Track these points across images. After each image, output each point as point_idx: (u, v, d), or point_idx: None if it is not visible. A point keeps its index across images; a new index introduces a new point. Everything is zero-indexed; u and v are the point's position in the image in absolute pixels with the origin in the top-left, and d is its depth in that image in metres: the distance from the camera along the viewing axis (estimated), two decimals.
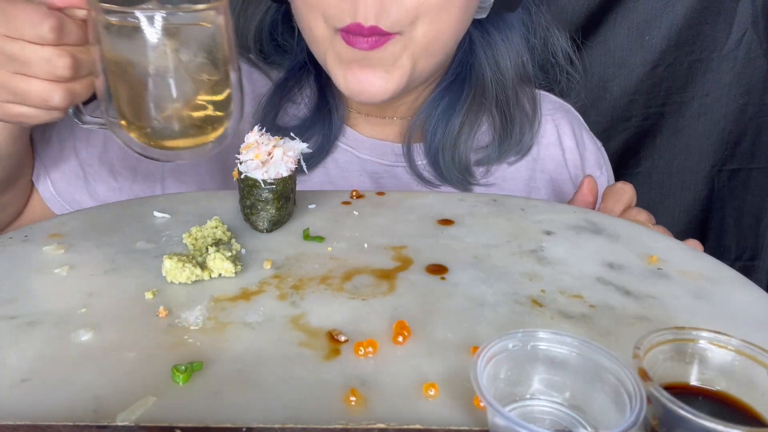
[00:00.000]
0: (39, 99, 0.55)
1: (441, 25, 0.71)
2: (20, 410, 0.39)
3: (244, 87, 0.59)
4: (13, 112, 0.57)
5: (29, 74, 0.54)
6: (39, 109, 0.57)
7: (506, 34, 0.84)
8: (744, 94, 1.19)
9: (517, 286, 0.53)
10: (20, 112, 0.57)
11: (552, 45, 0.89)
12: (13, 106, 0.57)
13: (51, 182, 0.79)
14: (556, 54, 0.90)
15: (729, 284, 0.55)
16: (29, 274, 0.53)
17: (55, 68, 0.54)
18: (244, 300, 0.50)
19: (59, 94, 0.55)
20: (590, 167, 0.90)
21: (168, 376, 0.42)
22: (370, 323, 0.48)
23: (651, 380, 0.35)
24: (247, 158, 0.58)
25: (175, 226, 0.61)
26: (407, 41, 0.71)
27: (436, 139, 0.82)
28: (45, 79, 0.55)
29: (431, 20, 0.70)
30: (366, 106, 0.85)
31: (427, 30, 0.70)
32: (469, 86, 0.82)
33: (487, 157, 0.85)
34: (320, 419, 0.39)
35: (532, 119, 0.87)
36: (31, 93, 0.55)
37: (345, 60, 0.72)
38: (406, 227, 0.63)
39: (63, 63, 0.54)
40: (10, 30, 0.53)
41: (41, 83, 0.55)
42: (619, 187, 0.73)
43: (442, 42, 0.73)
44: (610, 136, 1.21)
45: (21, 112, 0.57)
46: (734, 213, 1.25)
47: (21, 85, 0.55)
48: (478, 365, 0.36)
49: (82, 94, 0.58)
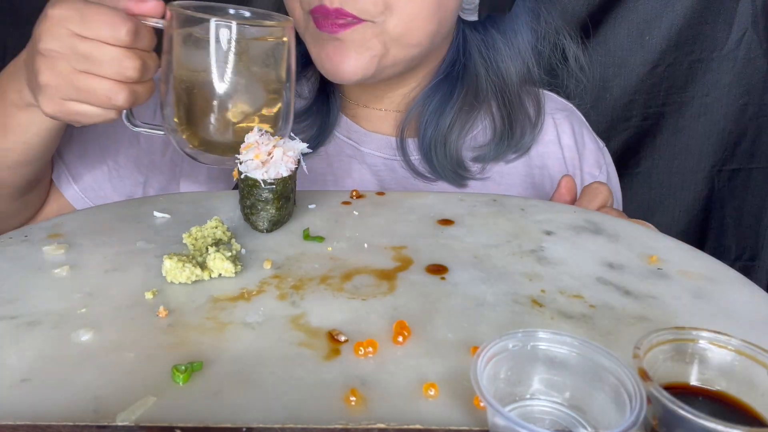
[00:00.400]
0: (104, 97, 0.57)
1: (412, 18, 0.73)
2: (20, 410, 0.39)
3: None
4: (72, 110, 0.59)
5: (98, 73, 0.57)
6: (99, 108, 0.59)
7: (510, 38, 0.85)
8: (744, 94, 1.19)
9: (517, 286, 0.53)
10: (80, 110, 0.59)
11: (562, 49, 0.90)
12: (74, 104, 0.58)
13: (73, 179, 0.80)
14: (567, 59, 0.91)
15: (729, 284, 0.55)
16: (29, 274, 0.53)
17: (125, 69, 0.57)
18: (244, 300, 0.50)
19: (124, 95, 0.57)
20: (589, 166, 0.91)
21: (168, 376, 0.42)
22: (370, 323, 0.48)
23: (651, 380, 0.35)
24: (247, 158, 0.58)
25: (175, 226, 0.61)
26: (379, 30, 0.73)
27: (428, 135, 0.83)
28: (112, 78, 0.57)
29: (401, 12, 0.72)
30: (362, 97, 0.87)
31: (398, 22, 0.72)
32: (461, 85, 0.84)
33: (483, 155, 0.85)
34: (320, 419, 0.39)
35: (535, 122, 0.88)
36: (98, 91, 0.57)
37: (319, 41, 0.75)
38: (406, 227, 0.63)
39: (132, 64, 0.57)
40: (85, 30, 0.56)
41: (108, 82, 0.57)
42: (594, 187, 0.74)
43: (416, 36, 0.75)
44: (610, 136, 1.21)
45: (81, 110, 0.59)
46: (734, 213, 1.25)
47: (89, 82, 0.57)
48: (478, 365, 0.36)
49: (143, 97, 0.60)
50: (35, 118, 0.65)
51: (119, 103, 0.58)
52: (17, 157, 0.68)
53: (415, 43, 0.76)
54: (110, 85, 0.57)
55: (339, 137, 0.86)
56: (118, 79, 0.57)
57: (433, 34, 0.77)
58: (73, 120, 0.61)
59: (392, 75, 0.79)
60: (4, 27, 1.11)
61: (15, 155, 0.68)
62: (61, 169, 0.80)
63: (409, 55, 0.77)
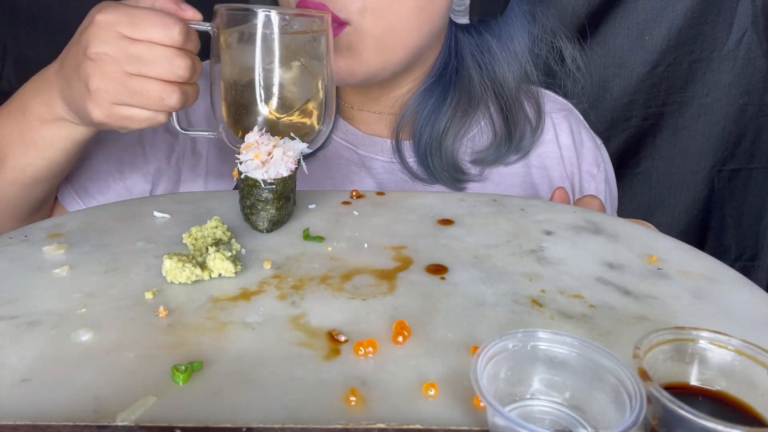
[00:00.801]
0: (157, 98, 0.58)
1: (391, 19, 0.73)
2: (20, 410, 0.39)
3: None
4: (123, 114, 0.59)
5: (150, 75, 0.58)
6: (150, 111, 0.59)
7: (506, 42, 0.84)
8: (744, 94, 1.19)
9: (517, 286, 0.53)
10: (130, 114, 0.59)
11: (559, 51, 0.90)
12: (125, 108, 0.59)
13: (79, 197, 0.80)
14: (564, 60, 0.91)
15: (729, 284, 0.55)
16: (29, 274, 0.53)
17: (177, 68, 0.58)
18: (244, 300, 0.50)
19: (176, 95, 0.58)
20: (587, 164, 0.91)
21: (168, 376, 0.42)
22: (370, 323, 0.48)
23: (651, 380, 0.35)
24: (247, 158, 0.58)
25: (175, 226, 0.61)
26: (359, 33, 0.72)
27: (423, 139, 0.83)
28: (164, 79, 0.58)
29: (380, 13, 0.72)
30: (356, 100, 0.87)
31: (376, 22, 0.72)
32: (454, 89, 0.84)
33: (483, 159, 0.85)
34: (320, 419, 0.39)
35: (536, 126, 0.88)
36: (150, 92, 0.58)
37: None
38: (406, 227, 0.63)
39: (184, 63, 0.58)
40: (136, 32, 0.57)
41: (160, 84, 0.58)
42: (586, 201, 0.75)
43: (398, 36, 0.75)
44: (610, 136, 1.21)
45: (131, 114, 0.59)
46: (734, 213, 1.25)
47: (142, 84, 0.58)
48: (478, 365, 0.36)
49: (192, 99, 0.61)
50: (62, 132, 0.65)
51: (172, 103, 0.58)
52: (36, 173, 0.68)
53: (399, 43, 0.75)
54: (163, 86, 0.58)
55: (337, 141, 0.86)
56: (170, 79, 0.58)
57: (419, 34, 0.76)
58: (121, 125, 0.61)
59: (386, 77, 0.79)
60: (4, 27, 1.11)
61: (34, 171, 0.68)
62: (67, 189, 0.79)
63: (397, 57, 0.77)
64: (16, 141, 0.67)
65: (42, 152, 0.67)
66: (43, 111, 0.65)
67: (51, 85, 0.64)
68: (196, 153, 0.83)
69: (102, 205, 0.69)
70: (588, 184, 0.90)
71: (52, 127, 0.65)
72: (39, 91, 0.65)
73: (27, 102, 0.66)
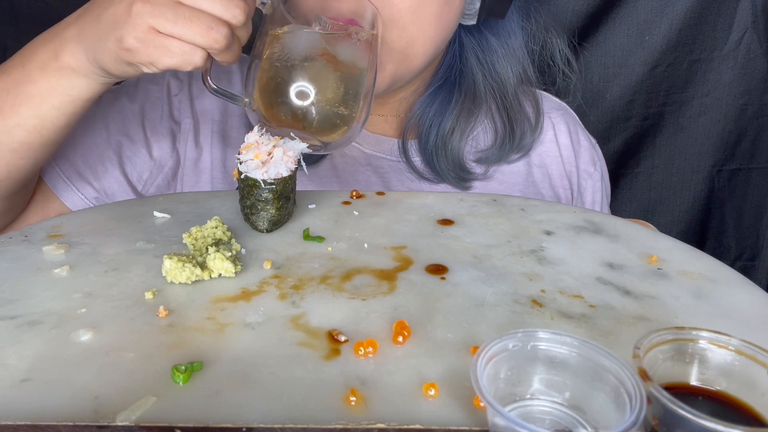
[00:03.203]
0: (205, 26, 0.55)
1: (413, 30, 0.73)
2: (20, 410, 0.39)
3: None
4: (157, 42, 0.56)
5: (202, 8, 0.55)
6: (187, 45, 0.56)
7: (504, 39, 0.85)
8: (744, 94, 1.19)
9: (517, 286, 0.53)
10: (166, 43, 0.56)
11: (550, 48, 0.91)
12: (161, 37, 0.56)
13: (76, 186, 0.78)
14: (554, 57, 0.92)
15: (729, 284, 0.55)
16: (29, 274, 0.53)
17: (234, 7, 0.56)
18: (244, 300, 0.50)
19: (225, 30, 0.56)
20: (584, 163, 0.92)
21: (168, 376, 0.42)
22: (370, 323, 0.48)
23: (651, 380, 0.35)
24: (247, 158, 0.58)
25: (175, 226, 0.61)
26: (384, 47, 0.72)
27: (430, 140, 0.84)
28: (216, 16, 0.56)
29: (403, 26, 0.72)
30: None
31: (400, 35, 0.72)
32: (459, 90, 0.84)
33: (487, 158, 0.86)
34: (320, 419, 0.39)
35: (535, 124, 0.89)
36: (200, 19, 0.55)
37: None
38: (406, 227, 0.63)
39: (242, 3, 0.56)
40: None
41: (210, 17, 0.56)
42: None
43: (420, 46, 0.75)
44: (610, 136, 1.21)
45: (166, 44, 0.56)
46: (734, 213, 1.25)
47: (192, 12, 0.55)
48: (478, 365, 0.36)
49: (236, 50, 0.59)
50: (62, 84, 0.62)
51: (218, 37, 0.56)
52: (25, 137, 0.64)
53: (421, 53, 0.76)
54: (212, 19, 0.56)
55: None
56: (224, 17, 0.56)
57: (439, 42, 0.77)
58: (149, 58, 0.57)
59: (402, 85, 0.80)
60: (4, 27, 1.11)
61: (23, 133, 0.64)
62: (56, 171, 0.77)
63: (416, 66, 0.77)
64: (9, 96, 0.63)
65: (35, 109, 0.63)
66: (47, 58, 0.62)
67: (65, 30, 0.61)
68: (199, 146, 0.82)
69: (102, 205, 0.69)
70: (585, 183, 0.92)
71: (52, 78, 0.62)
72: (47, 39, 0.63)
73: (30, 52, 0.63)
